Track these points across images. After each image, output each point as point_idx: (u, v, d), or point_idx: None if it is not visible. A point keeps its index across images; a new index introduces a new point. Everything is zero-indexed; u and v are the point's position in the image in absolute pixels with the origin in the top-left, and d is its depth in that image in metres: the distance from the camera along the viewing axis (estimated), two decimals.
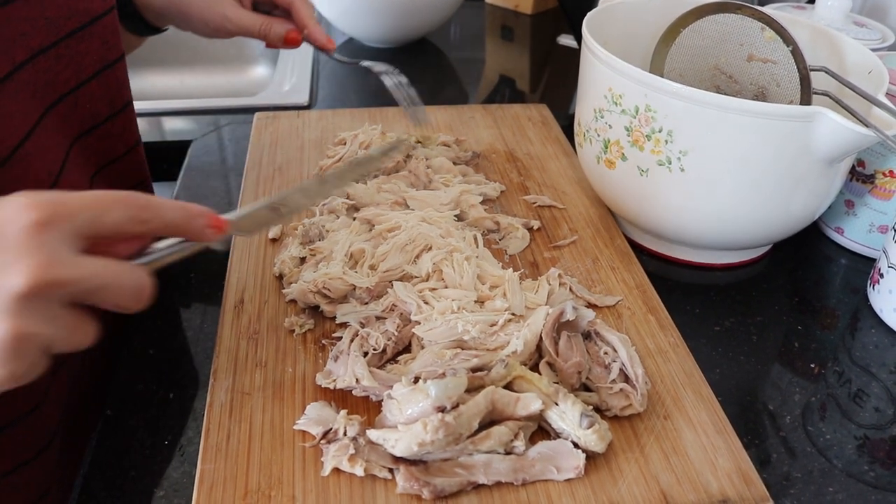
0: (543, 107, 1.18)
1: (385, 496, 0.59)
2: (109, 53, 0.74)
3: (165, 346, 0.76)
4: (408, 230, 0.78)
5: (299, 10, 0.89)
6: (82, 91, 0.71)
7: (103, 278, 0.46)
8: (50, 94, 0.67)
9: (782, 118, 0.72)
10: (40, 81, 0.65)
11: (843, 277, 0.90)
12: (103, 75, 0.74)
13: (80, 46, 0.69)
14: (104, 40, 0.72)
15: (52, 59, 0.66)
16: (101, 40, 0.72)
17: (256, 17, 0.89)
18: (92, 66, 0.72)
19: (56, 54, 0.66)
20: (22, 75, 0.62)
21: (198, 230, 0.53)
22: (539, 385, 0.63)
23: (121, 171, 0.82)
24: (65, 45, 0.67)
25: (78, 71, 0.70)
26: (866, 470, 0.66)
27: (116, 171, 0.81)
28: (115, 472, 0.64)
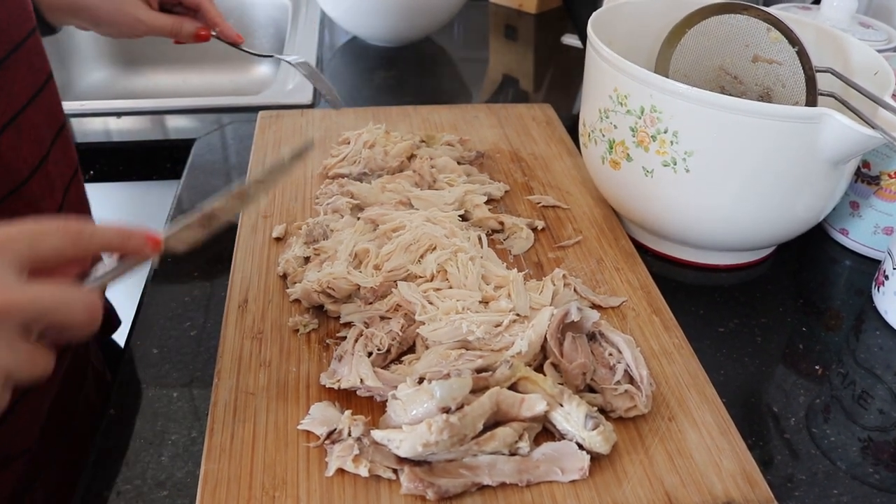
0: (548, 106, 1.18)
1: (389, 497, 0.58)
2: (38, 77, 0.72)
3: (169, 345, 0.76)
4: (412, 230, 0.78)
5: (207, 10, 0.94)
6: (22, 119, 0.69)
7: (52, 301, 0.47)
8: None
9: (788, 119, 0.72)
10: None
11: (848, 279, 0.90)
12: (37, 100, 0.72)
13: (9, 75, 0.67)
14: (30, 64, 0.71)
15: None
16: (28, 65, 0.70)
17: (167, 17, 0.93)
18: (25, 94, 0.70)
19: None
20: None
21: (136, 248, 0.54)
22: (544, 386, 0.63)
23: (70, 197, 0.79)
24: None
25: (11, 101, 0.68)
26: (871, 472, 0.66)
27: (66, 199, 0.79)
28: (119, 473, 0.64)
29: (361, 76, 1.39)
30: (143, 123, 1.20)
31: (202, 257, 0.88)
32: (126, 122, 1.19)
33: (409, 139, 1.01)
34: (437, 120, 1.13)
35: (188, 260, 0.86)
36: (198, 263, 0.87)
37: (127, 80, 1.63)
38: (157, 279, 0.85)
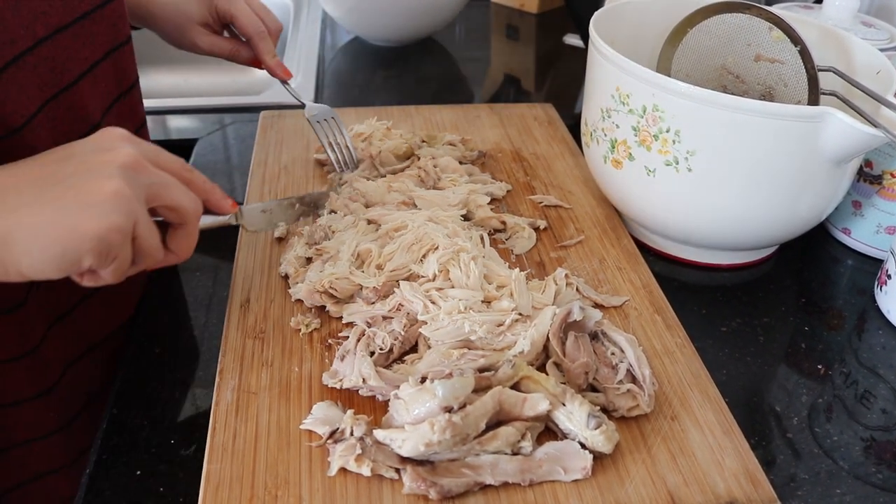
0: (549, 106, 1.18)
1: (392, 496, 0.58)
2: (118, 35, 0.77)
3: (171, 345, 0.76)
4: (414, 230, 0.77)
5: (257, 45, 0.95)
6: (98, 70, 0.74)
7: (172, 180, 0.58)
8: (70, 69, 0.69)
9: (790, 118, 0.71)
10: (60, 57, 0.67)
11: (850, 278, 0.90)
12: (113, 56, 0.77)
13: (94, 27, 0.72)
14: (113, 23, 0.76)
15: (69, 37, 0.68)
16: (111, 23, 0.75)
17: (225, 43, 0.96)
18: (104, 47, 0.75)
19: (73, 33, 0.69)
20: (42, 51, 0.65)
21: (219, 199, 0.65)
22: (546, 385, 0.63)
23: None
24: (80, 26, 0.70)
25: (94, 50, 0.73)
26: (874, 472, 0.66)
27: None
28: (121, 472, 0.64)
29: (363, 76, 1.39)
30: None
31: (204, 257, 0.88)
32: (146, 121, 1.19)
33: (411, 138, 1.01)
34: (439, 120, 1.13)
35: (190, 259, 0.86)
36: (200, 263, 0.87)
37: None
38: (159, 277, 0.85)
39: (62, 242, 0.51)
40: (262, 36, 0.94)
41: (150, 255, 0.57)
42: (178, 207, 0.58)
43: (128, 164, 0.54)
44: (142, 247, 0.56)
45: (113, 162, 0.54)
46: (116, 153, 0.55)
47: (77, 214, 0.51)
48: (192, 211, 0.60)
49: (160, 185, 0.56)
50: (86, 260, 0.52)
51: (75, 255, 0.52)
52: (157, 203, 0.57)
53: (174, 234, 0.60)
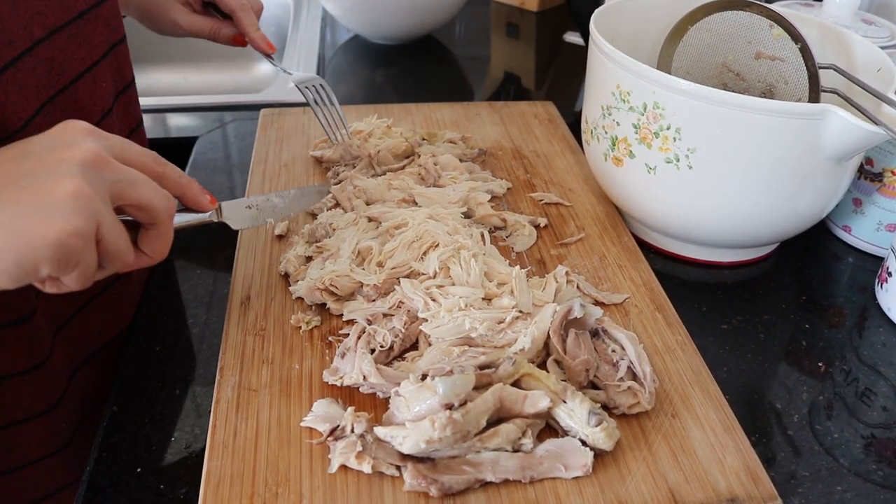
0: (550, 104, 1.18)
1: (392, 493, 0.58)
2: (114, 35, 0.77)
3: (171, 342, 0.76)
4: (414, 227, 0.77)
5: (240, 19, 0.94)
6: (97, 69, 0.73)
7: (139, 176, 0.54)
8: (68, 70, 0.68)
9: (791, 116, 0.71)
10: (58, 58, 0.67)
11: (851, 276, 0.90)
12: (110, 55, 0.76)
13: (90, 27, 0.71)
14: (108, 22, 0.75)
15: (66, 37, 0.67)
16: (106, 22, 0.74)
17: (205, 21, 0.95)
18: (101, 46, 0.74)
19: (69, 33, 0.68)
20: (40, 52, 0.64)
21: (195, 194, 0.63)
22: (547, 383, 0.63)
23: None
24: (76, 25, 0.69)
25: (91, 50, 0.72)
26: (874, 469, 0.66)
27: None
28: (122, 469, 0.64)
29: (363, 74, 1.39)
30: (146, 121, 1.19)
31: (204, 254, 0.88)
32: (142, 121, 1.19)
33: (411, 136, 1.01)
34: (439, 117, 1.13)
35: (190, 257, 0.86)
36: (200, 261, 0.87)
37: None
38: (159, 276, 0.85)
39: (15, 252, 0.47)
40: (244, 8, 0.93)
41: (118, 258, 0.53)
42: (146, 206, 0.55)
43: (89, 160, 0.51)
44: (108, 249, 0.52)
45: (72, 158, 0.50)
46: (76, 149, 0.51)
47: (32, 218, 0.47)
48: (164, 209, 0.56)
49: (126, 181, 0.53)
50: (43, 269, 0.48)
51: (31, 265, 0.48)
52: (123, 201, 0.53)
53: (146, 235, 0.57)
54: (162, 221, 0.56)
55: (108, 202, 0.52)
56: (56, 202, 0.48)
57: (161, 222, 0.56)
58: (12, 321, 0.66)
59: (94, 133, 0.53)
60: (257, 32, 0.95)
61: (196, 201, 0.63)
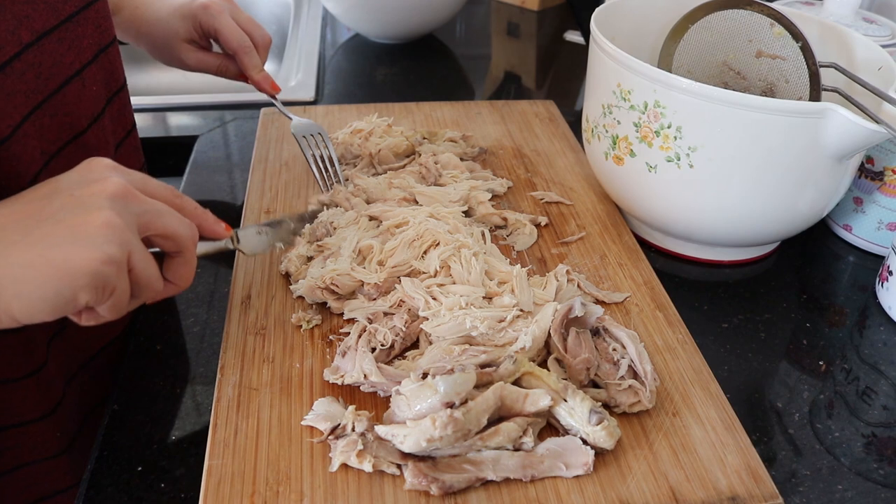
0: (550, 103, 1.18)
1: (393, 492, 0.58)
2: (103, 37, 0.76)
3: (172, 341, 0.76)
4: (415, 226, 0.77)
5: (241, 60, 0.93)
6: (87, 73, 0.73)
7: (165, 209, 0.57)
8: (56, 75, 0.68)
9: (792, 114, 0.71)
10: (47, 63, 0.66)
11: (851, 275, 0.90)
12: (100, 58, 0.76)
13: (79, 30, 0.71)
14: (97, 25, 0.74)
15: (55, 41, 0.67)
16: (95, 25, 0.74)
17: (212, 58, 0.94)
18: (90, 49, 0.73)
19: (58, 37, 0.68)
20: (28, 56, 0.64)
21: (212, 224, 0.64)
22: (548, 381, 0.63)
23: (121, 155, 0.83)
24: (65, 29, 0.69)
25: (80, 53, 0.71)
26: (875, 468, 0.66)
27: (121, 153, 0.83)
28: (122, 467, 0.64)
29: (363, 73, 1.39)
30: (146, 120, 1.20)
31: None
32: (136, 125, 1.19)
33: (412, 135, 1.01)
34: (440, 116, 1.13)
35: None
36: (201, 260, 0.87)
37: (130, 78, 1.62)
38: None
39: (55, 281, 0.49)
40: (246, 50, 0.92)
41: (148, 287, 0.56)
42: (172, 235, 0.57)
43: (117, 193, 0.53)
44: (139, 278, 0.55)
45: (101, 193, 0.53)
46: (104, 184, 0.53)
47: (68, 250, 0.50)
48: (188, 237, 0.58)
49: (152, 213, 0.55)
50: (82, 297, 0.50)
51: (70, 293, 0.50)
52: (150, 232, 0.56)
53: (171, 263, 0.59)
54: (186, 249, 0.59)
55: (137, 233, 0.54)
56: (90, 233, 0.50)
57: (185, 250, 0.59)
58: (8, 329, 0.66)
59: (118, 169, 0.56)
60: (260, 74, 0.94)
61: (212, 230, 0.64)
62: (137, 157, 0.90)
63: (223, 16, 0.91)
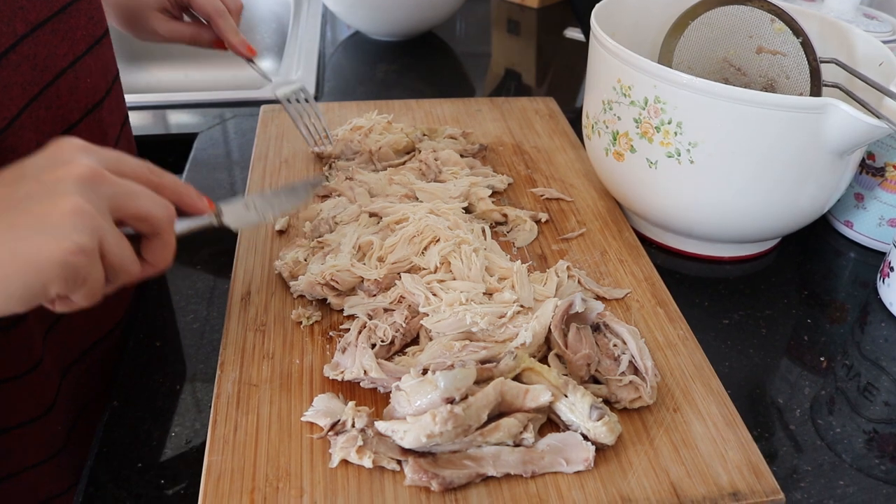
0: (550, 100, 1.18)
1: (393, 488, 0.58)
2: (96, 29, 0.76)
3: (172, 337, 0.76)
4: (415, 222, 0.77)
5: (218, 24, 0.91)
6: (80, 66, 0.72)
7: (138, 188, 0.54)
8: (50, 67, 0.67)
9: (793, 109, 0.71)
10: (41, 54, 0.66)
11: (853, 271, 0.90)
12: (94, 50, 0.75)
13: (72, 21, 0.70)
14: (90, 16, 0.74)
15: (48, 33, 0.66)
16: (88, 16, 0.73)
17: (185, 27, 0.93)
18: (84, 41, 0.73)
19: (52, 28, 0.67)
20: (24, 48, 0.63)
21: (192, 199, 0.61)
22: (548, 377, 0.63)
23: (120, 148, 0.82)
24: (58, 20, 0.68)
25: (73, 45, 0.71)
26: (876, 464, 0.66)
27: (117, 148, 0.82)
28: (122, 464, 0.64)
29: (363, 70, 1.38)
30: (146, 118, 1.20)
31: (205, 250, 0.88)
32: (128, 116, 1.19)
33: (412, 132, 1.00)
34: (440, 113, 1.13)
35: (191, 253, 0.86)
36: (201, 256, 0.87)
37: (129, 76, 1.63)
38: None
39: (22, 275, 0.47)
40: (221, 13, 0.91)
41: (123, 271, 0.53)
42: (146, 216, 0.54)
43: (85, 176, 0.50)
44: (113, 263, 0.52)
45: (68, 177, 0.50)
46: (72, 167, 0.50)
47: (35, 240, 0.47)
48: (164, 217, 0.55)
49: (124, 194, 0.52)
50: (52, 289, 0.48)
51: (39, 286, 0.48)
52: (122, 214, 0.53)
53: (148, 245, 0.56)
54: (163, 230, 0.55)
55: (109, 216, 0.51)
56: (57, 222, 0.48)
57: (162, 231, 0.55)
58: (6, 325, 0.65)
59: (88, 149, 0.53)
60: (236, 37, 0.93)
61: (193, 206, 0.61)
62: (131, 151, 0.89)
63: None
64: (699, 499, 0.58)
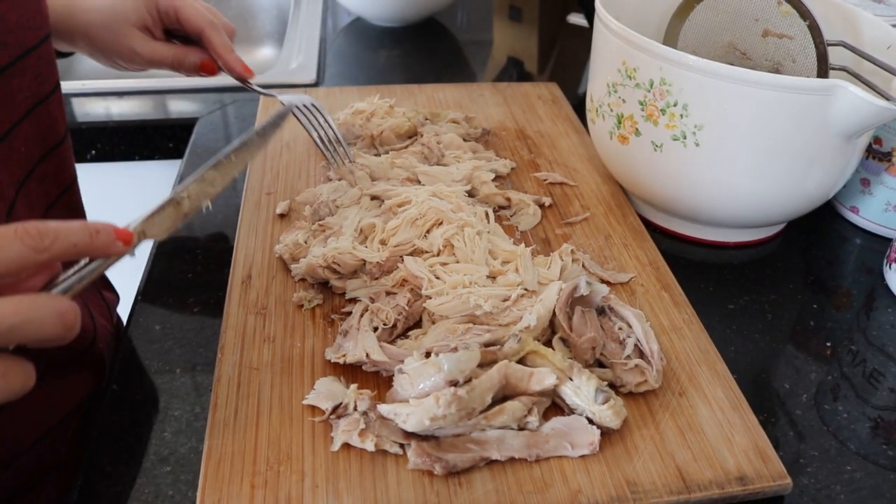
0: (553, 85, 1.17)
1: (396, 472, 0.58)
2: (43, 87, 0.67)
3: (171, 321, 0.75)
4: (418, 205, 0.76)
5: (210, 39, 0.81)
6: (16, 133, 0.64)
7: (19, 314, 0.43)
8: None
9: (800, 91, 0.70)
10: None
11: (858, 257, 0.89)
12: (36, 112, 0.67)
13: (13, 82, 0.62)
14: (38, 73, 0.66)
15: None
16: (35, 73, 0.65)
17: (168, 48, 0.83)
18: (25, 104, 0.65)
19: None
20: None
21: (103, 246, 0.48)
22: (553, 360, 0.62)
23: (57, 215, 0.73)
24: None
25: (10, 112, 0.63)
26: (882, 450, 0.65)
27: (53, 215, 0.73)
28: (122, 448, 0.63)
29: (365, 56, 1.37)
30: (145, 103, 1.19)
31: (205, 234, 0.87)
32: (128, 102, 1.18)
33: (414, 116, 0.99)
34: (442, 98, 1.12)
35: (191, 236, 0.86)
36: (201, 240, 0.86)
37: None
38: (160, 255, 0.84)
39: None
40: (214, 27, 0.81)
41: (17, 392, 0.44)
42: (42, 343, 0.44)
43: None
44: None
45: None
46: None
47: None
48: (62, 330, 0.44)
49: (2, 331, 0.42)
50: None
51: None
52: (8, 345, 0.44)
53: None
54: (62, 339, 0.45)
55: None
56: None
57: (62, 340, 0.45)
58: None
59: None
60: (231, 55, 0.83)
61: (105, 251, 0.49)
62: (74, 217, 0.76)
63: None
64: (706, 483, 0.58)
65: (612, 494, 0.56)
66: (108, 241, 0.48)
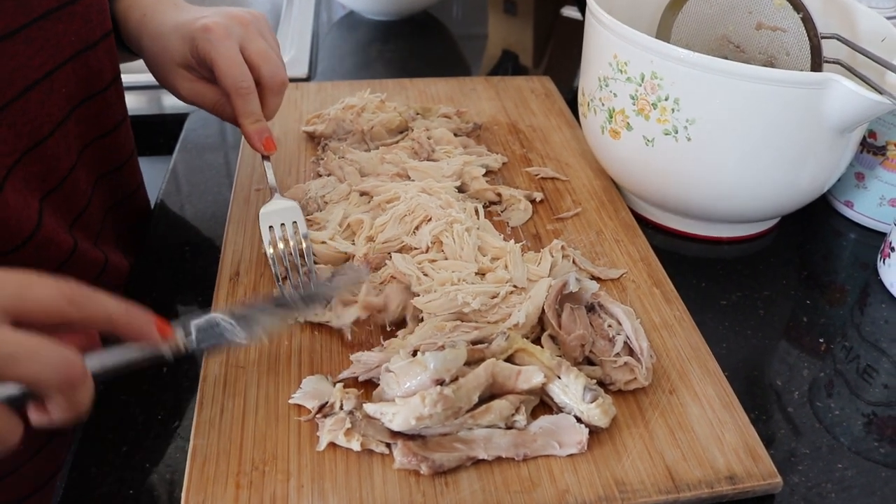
0: (547, 79, 1.16)
1: (382, 471, 0.57)
2: (92, 34, 0.68)
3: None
4: (406, 201, 0.76)
5: (234, 103, 0.74)
6: (58, 74, 0.66)
7: (20, 347, 0.42)
8: (16, 81, 0.62)
9: (793, 85, 0.70)
10: (5, 69, 0.60)
11: (852, 252, 0.88)
12: (83, 57, 0.68)
13: (59, 27, 0.64)
14: (87, 20, 0.66)
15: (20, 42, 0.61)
16: (84, 20, 0.66)
17: (210, 91, 0.77)
18: (71, 48, 0.66)
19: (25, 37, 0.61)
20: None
21: (138, 328, 0.48)
22: (541, 358, 0.61)
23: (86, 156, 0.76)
24: (37, 27, 0.62)
25: (54, 53, 0.64)
26: (875, 447, 0.65)
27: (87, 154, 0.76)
28: (107, 448, 0.62)
29: (357, 50, 1.37)
30: (137, 98, 1.18)
31: (194, 229, 0.86)
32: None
33: (405, 110, 0.99)
34: (434, 92, 1.11)
35: (178, 234, 0.85)
36: (188, 237, 0.85)
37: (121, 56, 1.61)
38: (147, 254, 0.83)
39: None
40: (241, 93, 0.73)
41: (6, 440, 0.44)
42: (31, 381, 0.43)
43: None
44: None
45: None
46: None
47: None
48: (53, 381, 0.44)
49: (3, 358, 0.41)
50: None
51: None
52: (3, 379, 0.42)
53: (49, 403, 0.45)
54: (54, 394, 0.45)
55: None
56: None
57: (53, 395, 0.45)
58: None
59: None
60: (253, 126, 0.75)
61: (140, 334, 0.49)
62: (121, 151, 0.84)
63: (224, 44, 0.72)
64: (695, 482, 0.57)
65: (600, 494, 0.56)
66: (144, 325, 0.48)
